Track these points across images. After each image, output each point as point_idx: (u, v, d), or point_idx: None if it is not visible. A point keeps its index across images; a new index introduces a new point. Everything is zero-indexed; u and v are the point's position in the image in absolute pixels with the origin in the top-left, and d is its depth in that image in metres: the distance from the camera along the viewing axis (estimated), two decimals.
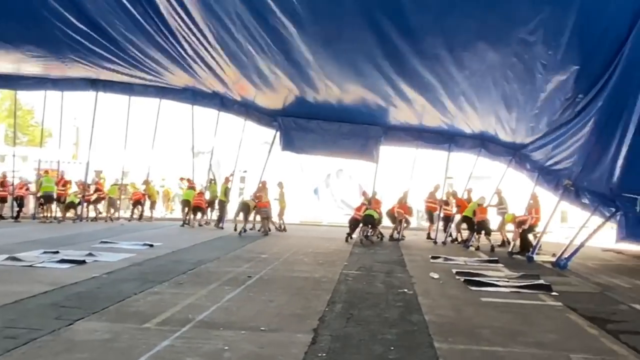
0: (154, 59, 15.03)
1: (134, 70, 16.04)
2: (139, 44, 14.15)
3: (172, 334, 5.39)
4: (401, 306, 7.14)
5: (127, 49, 14.61)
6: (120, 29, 13.55)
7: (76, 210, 18.72)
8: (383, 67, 12.81)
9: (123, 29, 13.51)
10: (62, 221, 17.89)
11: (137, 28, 13.24)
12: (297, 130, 17.69)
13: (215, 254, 11.22)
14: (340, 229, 17.62)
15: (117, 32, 13.69)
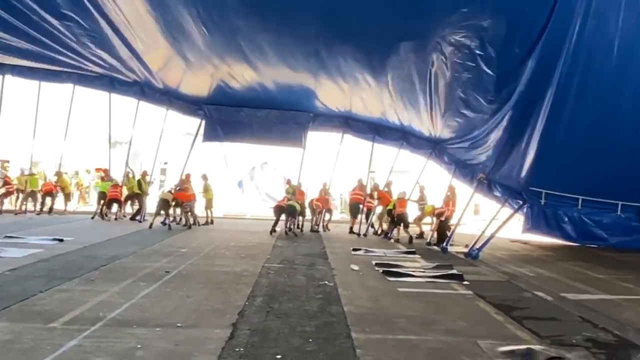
0: (67, 44, 14.11)
1: (45, 50, 14.91)
2: (51, 21, 13.21)
3: (80, 334, 5.12)
4: (321, 298, 7.22)
5: (36, 30, 13.62)
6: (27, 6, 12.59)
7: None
8: (309, 60, 12.93)
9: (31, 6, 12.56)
10: None
11: (50, 11, 12.37)
12: (223, 118, 17.37)
13: (131, 249, 10.79)
14: (265, 222, 17.51)
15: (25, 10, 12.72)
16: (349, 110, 16.74)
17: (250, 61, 13.65)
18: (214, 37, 12.46)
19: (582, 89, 10.62)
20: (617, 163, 11.39)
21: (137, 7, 11.78)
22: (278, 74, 14.39)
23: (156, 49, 13.76)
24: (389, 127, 17.47)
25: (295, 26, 11.82)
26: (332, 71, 13.72)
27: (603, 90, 10.55)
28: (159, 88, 16.83)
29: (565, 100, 10.86)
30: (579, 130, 11.23)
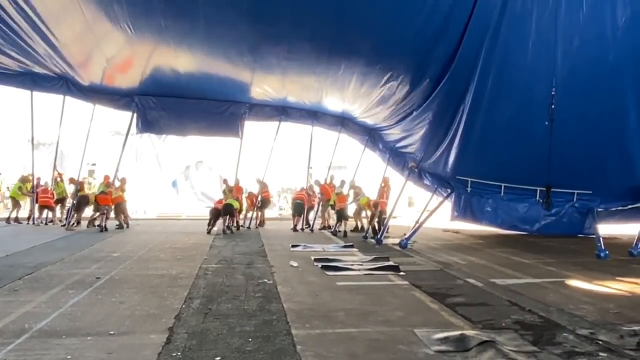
0: None
1: None
2: None
3: (4, 347, 4.83)
4: (261, 296, 7.17)
5: None
6: None
7: None
8: (243, 57, 12.85)
9: None
10: None
11: None
12: (156, 109, 16.85)
13: (59, 256, 10.25)
14: (201, 222, 17.17)
15: None
16: (285, 99, 16.77)
17: (180, 52, 13.33)
18: (140, 32, 12.04)
19: (498, 85, 11.19)
20: (534, 151, 12.09)
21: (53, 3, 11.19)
22: (212, 64, 14.15)
23: (76, 43, 13.11)
24: (328, 113, 17.76)
25: (225, 28, 11.70)
26: (267, 68, 13.67)
27: (518, 86, 11.14)
28: (85, 83, 16.05)
29: (483, 95, 11.42)
30: (498, 122, 11.86)
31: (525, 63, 10.66)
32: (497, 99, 11.41)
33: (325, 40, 11.82)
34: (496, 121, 11.77)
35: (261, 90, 15.88)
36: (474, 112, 11.79)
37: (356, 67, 12.71)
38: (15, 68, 15.49)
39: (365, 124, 17.66)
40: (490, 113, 11.72)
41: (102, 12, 11.58)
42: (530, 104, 11.19)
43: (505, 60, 10.76)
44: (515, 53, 10.65)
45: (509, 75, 10.95)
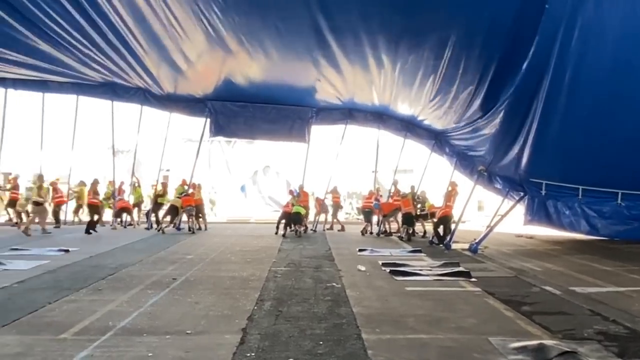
0: (68, 53, 14.08)
1: (45, 64, 14.94)
2: (50, 37, 13.19)
3: (90, 344, 5.12)
4: (330, 300, 7.21)
5: (37, 46, 13.63)
6: (29, 25, 12.57)
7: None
8: (312, 53, 12.96)
9: (32, 24, 12.54)
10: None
11: (48, 21, 12.30)
12: (227, 114, 17.56)
13: (138, 257, 10.78)
14: (269, 225, 17.52)
15: (26, 27, 12.70)
16: (351, 100, 16.80)
17: (253, 56, 13.65)
18: (217, 33, 12.43)
19: (576, 79, 10.57)
20: (615, 151, 11.38)
21: (137, 9, 11.74)
22: (281, 69, 14.38)
23: (157, 52, 13.75)
24: (394, 116, 17.61)
25: (294, 18, 11.82)
26: (334, 64, 13.70)
27: (598, 79, 10.49)
28: (162, 92, 16.85)
29: (559, 90, 10.84)
30: (575, 120, 11.24)
31: (605, 56, 10.04)
32: (573, 97, 10.83)
33: (393, 33, 11.63)
34: (573, 120, 11.17)
35: (328, 90, 15.95)
36: (548, 111, 11.25)
37: (423, 61, 12.45)
38: (98, 79, 16.51)
39: (431, 127, 17.35)
40: (566, 111, 11.15)
41: (184, 15, 12.00)
42: (612, 101, 10.56)
43: (583, 54, 10.18)
44: (594, 45, 10.03)
45: (587, 70, 10.33)
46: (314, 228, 17.37)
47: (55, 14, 11.97)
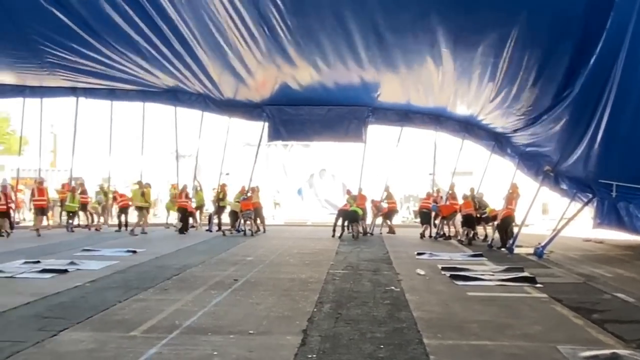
0: (135, 62, 14.77)
1: (114, 72, 15.74)
2: (118, 47, 13.90)
3: (159, 342, 5.31)
4: (389, 304, 7.15)
5: (107, 56, 14.40)
6: (99, 36, 13.29)
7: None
8: (369, 52, 12.93)
9: (102, 36, 13.25)
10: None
11: (117, 32, 12.95)
12: (285, 118, 17.84)
13: (200, 258, 11.12)
14: (326, 228, 17.62)
15: (97, 39, 13.43)
16: (407, 102, 16.63)
17: (309, 58, 13.80)
18: (275, 37, 12.65)
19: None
20: None
21: (201, 18, 12.13)
22: (337, 70, 14.43)
23: (218, 58, 14.17)
24: (451, 117, 17.27)
25: (352, 18, 11.85)
26: (392, 62, 13.61)
27: None
28: (221, 97, 17.35)
29: (631, 84, 10.20)
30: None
31: None
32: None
33: (451, 31, 11.41)
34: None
35: (385, 90, 15.87)
36: (619, 107, 10.60)
37: (482, 59, 12.12)
38: (161, 86, 17.20)
39: (491, 127, 16.86)
40: (637, 108, 10.52)
41: (244, 23, 12.30)
42: None
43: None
44: None
45: None
46: (371, 231, 17.30)
47: (125, 25, 12.56)
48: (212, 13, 11.80)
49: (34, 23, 12.86)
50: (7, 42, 13.88)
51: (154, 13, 12.25)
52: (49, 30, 13.27)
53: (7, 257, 10.88)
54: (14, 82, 17.39)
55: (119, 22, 12.36)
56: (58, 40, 13.75)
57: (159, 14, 12.25)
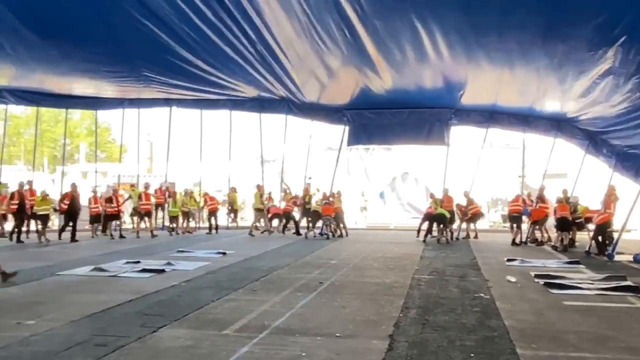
0: (224, 72, 15.44)
1: (204, 86, 16.59)
2: (209, 59, 14.60)
3: (250, 341, 5.50)
4: (478, 311, 6.93)
5: (198, 71, 15.21)
6: (192, 52, 14.04)
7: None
8: (452, 52, 12.65)
9: (194, 50, 13.98)
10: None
11: (208, 45, 13.59)
12: (365, 122, 17.93)
13: (286, 261, 11.38)
14: (409, 232, 17.40)
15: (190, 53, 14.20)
16: (493, 103, 16.04)
17: (390, 60, 13.70)
18: (356, 41, 12.71)
19: None
20: None
21: (287, 25, 12.46)
22: (418, 72, 14.23)
23: (302, 64, 14.47)
24: (541, 117, 16.46)
25: (434, 18, 11.64)
26: (476, 62, 13.19)
27: None
28: (303, 101, 17.70)
29: None
30: None
31: None
32: None
33: (538, 26, 10.86)
34: None
35: (469, 90, 15.43)
36: None
37: (573, 54, 11.41)
38: (247, 95, 17.86)
39: (585, 126, 15.83)
40: None
41: (326, 28, 12.49)
42: None
43: None
44: None
45: None
46: (457, 236, 16.83)
47: (215, 37, 13.14)
48: (294, 19, 12.06)
49: (133, 40, 13.78)
50: (109, 59, 14.99)
51: (242, 22, 12.71)
52: (146, 46, 14.16)
53: (111, 257, 11.75)
54: (115, 95, 18.79)
55: (210, 35, 12.90)
56: (153, 55, 14.65)
57: (246, 22, 12.69)
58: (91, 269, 10.06)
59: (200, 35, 12.93)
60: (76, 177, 29.38)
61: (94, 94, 18.56)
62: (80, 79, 16.96)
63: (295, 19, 12.02)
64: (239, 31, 12.76)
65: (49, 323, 6.13)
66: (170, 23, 12.59)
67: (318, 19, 12.00)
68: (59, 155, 44.68)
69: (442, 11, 11.10)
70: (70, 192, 16.28)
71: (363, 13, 11.51)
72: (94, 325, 6.12)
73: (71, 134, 41.64)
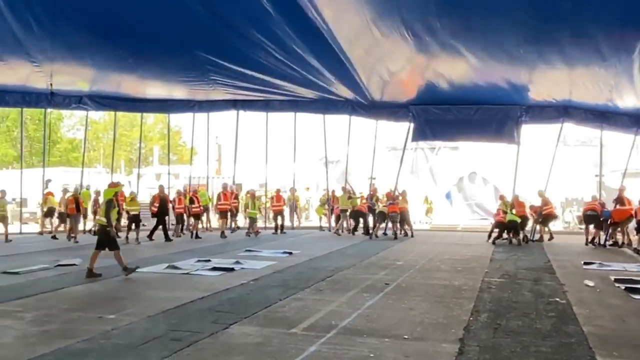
0: (289, 73, 15.69)
1: (270, 89, 16.96)
2: (273, 68, 14.93)
3: (318, 340, 5.55)
4: (554, 316, 6.63)
5: (264, 75, 15.57)
6: (260, 58, 14.39)
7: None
8: (521, 49, 12.22)
9: (262, 57, 14.33)
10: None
11: (274, 48, 13.86)
12: (431, 118, 17.61)
13: (351, 262, 11.38)
14: (477, 234, 16.93)
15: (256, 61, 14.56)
16: (568, 98, 15.29)
17: (455, 58, 13.40)
18: (420, 41, 12.53)
19: None
20: None
21: (353, 24, 12.50)
22: (487, 68, 13.81)
23: (365, 65, 14.45)
24: (620, 112, 15.55)
25: (501, 15, 11.28)
26: (546, 59, 12.67)
27: None
28: (367, 101, 17.64)
29: None
30: None
31: None
32: None
33: (615, 16, 10.25)
34: None
35: (541, 88, 14.81)
36: None
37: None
38: (311, 97, 18.04)
39: None
40: None
41: (389, 24, 12.41)
42: None
43: None
44: None
45: None
46: (532, 237, 16.17)
47: (282, 41, 13.40)
48: (360, 17, 12.05)
49: (201, 46, 14.31)
50: (180, 63, 15.63)
51: (304, 26, 12.87)
52: (214, 51, 14.66)
53: (183, 256, 12.22)
54: (185, 96, 19.54)
55: (277, 38, 13.17)
56: (221, 59, 15.13)
57: (307, 26, 12.84)
58: (165, 267, 10.51)
59: (267, 38, 13.22)
60: (150, 179, 30.89)
61: (166, 96, 19.39)
62: (153, 82, 17.77)
63: (361, 16, 11.99)
64: (302, 34, 12.95)
65: (128, 317, 6.47)
66: (239, 29, 12.97)
67: (383, 17, 11.95)
68: (134, 158, 47.17)
69: (508, 8, 10.75)
70: (158, 194, 16.78)
71: (428, 12, 11.35)
72: (170, 320, 6.39)
73: (145, 138, 43.69)
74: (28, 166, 35.88)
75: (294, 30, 12.71)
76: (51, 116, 27.36)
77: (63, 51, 14.58)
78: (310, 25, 12.43)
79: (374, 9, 11.67)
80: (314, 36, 12.93)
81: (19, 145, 30.61)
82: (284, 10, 11.85)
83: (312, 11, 11.66)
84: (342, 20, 12.31)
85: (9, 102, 19.23)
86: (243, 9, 12.12)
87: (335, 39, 12.93)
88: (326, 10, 11.78)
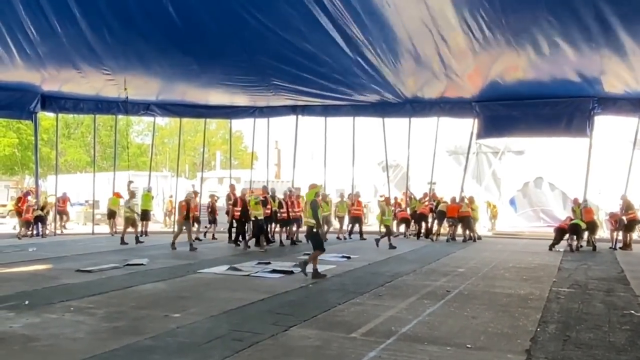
0: (348, 78, 15.75)
1: (329, 93, 17.07)
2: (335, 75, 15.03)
3: (377, 345, 5.49)
4: (629, 329, 6.25)
5: (323, 80, 15.69)
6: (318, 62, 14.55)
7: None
8: (592, 42, 11.69)
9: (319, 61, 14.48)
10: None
11: (331, 55, 13.98)
12: (495, 114, 17.09)
13: (411, 267, 11.21)
14: (544, 241, 16.23)
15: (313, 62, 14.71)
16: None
17: (521, 53, 12.99)
18: (484, 38, 12.25)
19: None
20: None
21: (411, 24, 12.41)
22: (553, 61, 13.28)
23: (427, 63, 14.27)
24: None
25: (570, 11, 10.83)
26: (621, 50, 12.04)
27: None
28: (427, 99, 17.35)
29: None
30: None
31: None
32: None
33: None
34: None
35: (613, 79, 14.05)
36: None
37: None
38: (369, 100, 18.00)
39: None
40: None
41: (451, 28, 12.22)
42: None
43: None
44: None
45: None
46: (614, 245, 15.35)
47: (338, 47, 13.49)
48: (419, 16, 11.95)
49: (262, 52, 14.64)
50: (241, 70, 16.04)
51: (359, 31, 12.90)
52: (275, 58, 14.96)
53: (244, 258, 12.49)
54: (246, 103, 20.01)
55: (334, 44, 13.28)
56: (282, 66, 15.41)
57: (363, 31, 12.85)
58: (227, 268, 10.76)
59: (324, 45, 13.34)
60: (213, 183, 31.81)
61: (229, 103, 19.92)
62: (217, 89, 18.31)
63: (423, 15, 11.87)
64: (362, 36, 12.96)
65: (192, 317, 6.67)
66: (297, 35, 13.17)
67: (443, 14, 11.78)
68: (197, 163, 48.72)
69: (578, 2, 10.32)
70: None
71: (491, 10, 11.09)
72: (231, 320, 6.52)
73: (208, 143, 45.08)
74: (100, 170, 37.87)
75: (354, 34, 12.76)
76: (121, 123, 28.77)
77: (134, 60, 15.33)
78: (377, 21, 12.43)
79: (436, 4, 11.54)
80: (379, 31, 12.92)
81: (92, 151, 32.32)
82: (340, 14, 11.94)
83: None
84: (405, 18, 12.24)
85: (83, 109, 20.44)
86: (302, 16, 12.32)
87: (396, 36, 12.89)
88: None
